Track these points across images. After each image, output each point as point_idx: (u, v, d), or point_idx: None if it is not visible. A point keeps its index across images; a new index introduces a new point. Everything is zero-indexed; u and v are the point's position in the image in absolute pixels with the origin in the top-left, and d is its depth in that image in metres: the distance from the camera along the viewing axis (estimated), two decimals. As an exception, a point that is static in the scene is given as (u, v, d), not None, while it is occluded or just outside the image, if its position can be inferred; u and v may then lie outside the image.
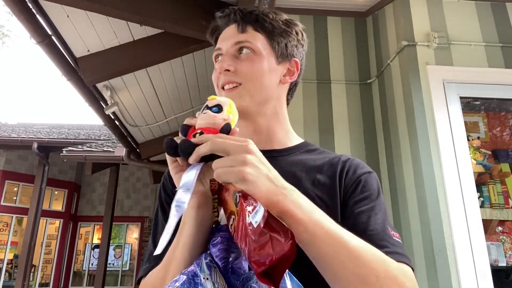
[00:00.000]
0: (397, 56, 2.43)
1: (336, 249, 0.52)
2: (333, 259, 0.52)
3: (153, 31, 2.96)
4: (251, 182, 0.50)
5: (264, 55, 0.79)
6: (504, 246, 2.22)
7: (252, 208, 0.48)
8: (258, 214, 0.46)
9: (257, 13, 0.82)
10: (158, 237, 0.74)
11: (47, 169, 8.48)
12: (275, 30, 0.82)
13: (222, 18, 0.84)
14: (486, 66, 2.38)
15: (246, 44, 0.79)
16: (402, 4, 2.47)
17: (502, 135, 2.54)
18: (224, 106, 0.58)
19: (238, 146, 0.52)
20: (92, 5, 2.38)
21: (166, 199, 0.82)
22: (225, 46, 0.81)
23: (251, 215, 0.47)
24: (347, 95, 2.66)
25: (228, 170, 0.51)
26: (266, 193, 0.51)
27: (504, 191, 2.31)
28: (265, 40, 0.81)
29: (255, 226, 0.46)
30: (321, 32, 2.78)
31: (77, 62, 3.07)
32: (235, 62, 0.77)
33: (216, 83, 0.81)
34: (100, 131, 11.32)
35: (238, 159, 0.51)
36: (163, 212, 0.81)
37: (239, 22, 0.80)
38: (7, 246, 9.57)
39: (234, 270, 0.55)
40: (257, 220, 0.46)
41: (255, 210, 0.47)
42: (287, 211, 0.51)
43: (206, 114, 0.57)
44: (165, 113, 4.43)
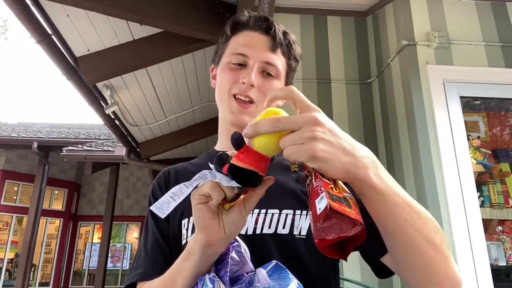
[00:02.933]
0: (397, 55, 2.42)
1: (412, 216, 0.53)
2: (409, 227, 0.52)
3: (153, 31, 2.96)
4: (324, 159, 0.46)
5: (281, 81, 0.81)
6: (504, 246, 2.22)
7: (319, 191, 0.47)
8: (322, 202, 0.45)
9: (289, 37, 0.82)
10: (148, 243, 0.77)
11: (47, 168, 8.47)
12: (294, 59, 0.84)
13: (256, 21, 0.81)
14: (486, 65, 2.38)
15: (274, 69, 0.79)
16: (402, 4, 2.46)
17: (502, 135, 2.53)
18: None
19: (304, 118, 0.47)
20: (92, 4, 2.38)
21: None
22: (254, 57, 0.78)
23: (317, 199, 0.47)
24: (347, 94, 2.66)
25: (298, 148, 0.46)
26: (342, 169, 0.47)
27: (504, 190, 2.31)
28: (285, 66, 0.82)
29: (317, 213, 0.45)
30: (321, 32, 2.78)
31: (77, 62, 3.07)
32: (260, 80, 0.77)
33: (229, 87, 0.79)
34: (100, 131, 11.32)
35: (306, 134, 0.46)
36: (154, 219, 0.79)
37: (275, 41, 0.79)
38: (7, 245, 9.58)
39: (235, 279, 0.55)
40: (321, 208, 0.45)
41: (321, 196, 0.46)
42: (367, 182, 0.49)
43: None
44: (165, 113, 4.43)
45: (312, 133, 0.46)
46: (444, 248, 0.56)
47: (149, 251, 0.76)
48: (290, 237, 0.69)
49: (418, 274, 0.56)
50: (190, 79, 3.81)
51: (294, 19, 2.76)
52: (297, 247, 0.69)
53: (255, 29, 0.80)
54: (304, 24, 2.78)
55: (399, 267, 0.60)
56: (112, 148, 7.34)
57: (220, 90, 0.81)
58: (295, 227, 0.70)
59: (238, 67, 0.79)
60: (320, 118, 0.47)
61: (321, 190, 0.47)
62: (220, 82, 0.82)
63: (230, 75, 0.79)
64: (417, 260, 0.55)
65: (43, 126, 12.03)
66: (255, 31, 0.80)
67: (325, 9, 2.76)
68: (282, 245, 0.68)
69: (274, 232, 0.70)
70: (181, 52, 3.08)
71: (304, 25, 2.77)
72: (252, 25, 0.81)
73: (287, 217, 0.71)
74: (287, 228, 0.70)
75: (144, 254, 0.76)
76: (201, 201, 0.52)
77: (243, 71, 0.78)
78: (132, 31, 2.94)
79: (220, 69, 0.83)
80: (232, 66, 0.79)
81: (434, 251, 0.54)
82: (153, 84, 3.71)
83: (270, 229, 0.70)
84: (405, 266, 0.58)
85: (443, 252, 0.55)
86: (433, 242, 0.54)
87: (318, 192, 0.47)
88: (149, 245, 0.76)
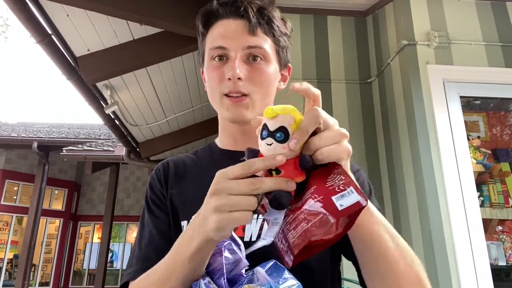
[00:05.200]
0: (397, 55, 2.42)
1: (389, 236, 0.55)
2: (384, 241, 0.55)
3: (153, 30, 2.96)
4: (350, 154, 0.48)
5: (272, 63, 0.75)
6: (504, 246, 2.22)
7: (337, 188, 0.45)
8: (346, 198, 0.44)
9: (267, 13, 0.75)
10: (143, 240, 0.74)
11: (47, 168, 8.47)
12: (281, 34, 0.77)
13: (226, 7, 0.74)
14: (486, 65, 2.38)
15: (259, 51, 0.72)
16: (402, 3, 2.46)
17: (502, 135, 2.53)
18: (289, 128, 0.46)
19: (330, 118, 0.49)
20: (92, 4, 2.38)
21: (154, 200, 0.78)
22: (234, 47, 0.71)
23: (335, 196, 0.44)
24: (347, 94, 2.66)
25: (338, 146, 0.46)
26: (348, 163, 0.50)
27: (504, 190, 2.31)
28: (273, 45, 0.75)
29: (338, 209, 0.43)
30: (321, 32, 2.78)
31: (77, 61, 3.07)
32: (246, 70, 0.71)
33: (218, 87, 0.73)
34: (100, 131, 11.32)
35: (340, 132, 0.47)
36: (151, 213, 0.76)
37: (251, 22, 0.72)
38: (7, 245, 9.58)
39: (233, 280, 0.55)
40: (343, 204, 0.43)
41: (342, 193, 0.44)
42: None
43: (272, 146, 0.46)
44: (165, 113, 4.43)
45: (343, 130, 0.47)
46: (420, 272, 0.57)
47: (143, 249, 0.72)
48: None
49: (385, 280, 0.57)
50: (190, 79, 3.81)
51: (294, 19, 2.76)
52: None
53: (227, 16, 0.74)
54: (304, 24, 2.78)
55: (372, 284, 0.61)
56: (112, 148, 7.34)
57: (211, 93, 0.76)
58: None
59: (220, 63, 0.73)
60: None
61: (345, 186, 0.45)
62: (208, 84, 0.77)
63: (215, 75, 0.73)
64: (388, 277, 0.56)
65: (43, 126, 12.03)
66: (228, 18, 0.74)
67: (325, 9, 2.76)
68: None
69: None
70: (181, 52, 3.08)
71: (304, 25, 2.77)
72: (223, 13, 0.74)
73: None
74: None
75: (138, 251, 0.73)
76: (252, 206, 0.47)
77: (226, 65, 0.72)
78: (132, 31, 2.94)
79: (205, 69, 0.78)
80: (214, 64, 0.74)
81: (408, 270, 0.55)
82: (153, 84, 3.71)
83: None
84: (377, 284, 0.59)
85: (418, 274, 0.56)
86: (406, 262, 0.56)
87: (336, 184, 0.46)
88: (144, 243, 0.73)
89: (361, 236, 0.55)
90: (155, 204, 0.78)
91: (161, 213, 0.76)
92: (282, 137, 0.45)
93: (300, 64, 2.67)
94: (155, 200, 0.78)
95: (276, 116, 0.46)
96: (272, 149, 0.46)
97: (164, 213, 0.76)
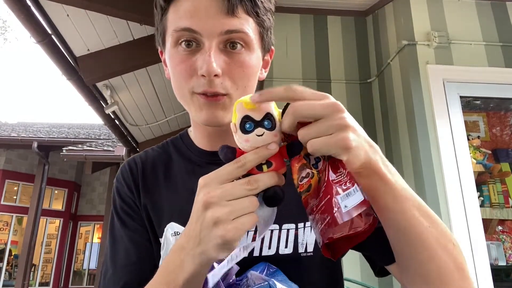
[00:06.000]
0: (397, 55, 2.42)
1: (421, 213, 0.47)
2: (419, 224, 0.47)
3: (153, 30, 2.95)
4: (353, 149, 0.41)
5: (255, 50, 0.60)
6: (504, 246, 2.22)
7: (344, 186, 0.42)
8: (351, 198, 0.41)
9: None
10: (118, 257, 0.63)
11: (47, 168, 8.47)
12: (265, 12, 0.61)
13: None
14: (486, 65, 2.38)
15: (240, 36, 0.57)
16: (402, 3, 2.46)
17: (502, 135, 2.53)
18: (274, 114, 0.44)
19: (330, 106, 0.41)
20: (92, 4, 2.38)
21: (126, 209, 0.66)
22: (208, 32, 0.55)
23: (340, 196, 0.42)
24: (347, 94, 2.66)
25: (328, 139, 0.40)
26: (365, 159, 0.43)
27: (504, 190, 2.31)
28: (256, 27, 0.60)
29: (343, 211, 0.41)
30: (321, 32, 2.78)
31: (77, 61, 3.07)
32: (224, 62, 0.57)
33: (188, 85, 0.58)
34: (100, 131, 11.32)
35: (336, 123, 0.41)
36: (124, 226, 0.65)
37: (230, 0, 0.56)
38: (7, 245, 9.58)
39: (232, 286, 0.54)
40: (347, 205, 0.41)
41: (347, 191, 0.42)
42: (380, 173, 0.45)
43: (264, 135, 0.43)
44: (165, 112, 4.43)
45: (342, 121, 0.41)
46: (459, 255, 0.49)
47: (119, 271, 0.62)
48: (295, 256, 0.60)
49: (429, 281, 0.48)
50: (190, 79, 3.82)
51: (294, 19, 2.76)
52: (304, 267, 0.60)
53: None
54: (304, 24, 2.77)
55: (407, 275, 0.52)
56: (112, 148, 7.35)
57: (178, 89, 0.61)
58: (300, 244, 0.60)
59: (188, 51, 0.57)
60: (340, 104, 0.42)
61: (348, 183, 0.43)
62: (174, 78, 0.62)
63: (183, 68, 0.58)
64: (428, 264, 0.47)
65: (43, 126, 12.02)
66: None
67: (325, 9, 2.75)
68: (287, 267, 0.57)
69: (275, 253, 0.60)
70: (181, 52, 3.08)
71: (304, 25, 2.77)
72: None
73: (288, 233, 0.61)
74: (290, 247, 0.60)
75: (112, 272, 0.62)
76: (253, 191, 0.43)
77: (199, 57, 0.56)
78: (132, 31, 2.94)
79: (168, 56, 0.62)
80: (181, 52, 0.58)
81: (446, 255, 0.47)
82: (153, 83, 3.71)
83: (270, 250, 0.59)
84: (414, 273, 0.50)
85: (457, 259, 0.49)
86: (445, 245, 0.48)
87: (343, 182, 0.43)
88: (120, 264, 0.62)
89: (397, 223, 0.47)
90: (128, 214, 0.66)
91: (135, 224, 0.65)
92: (270, 124, 0.43)
93: (300, 64, 2.67)
94: (126, 210, 0.66)
95: (257, 105, 0.43)
96: (262, 139, 0.43)
97: (139, 224, 0.65)
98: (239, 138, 0.44)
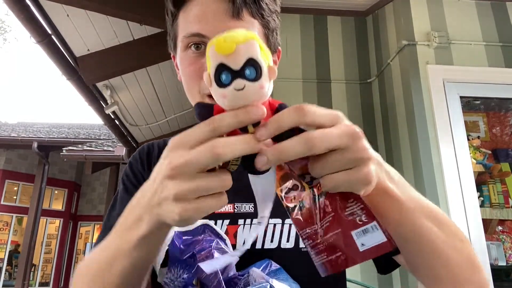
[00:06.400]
0: (397, 55, 2.42)
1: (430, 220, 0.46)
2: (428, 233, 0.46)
3: (153, 31, 2.96)
4: (373, 183, 0.37)
5: None
6: (504, 246, 2.22)
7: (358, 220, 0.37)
8: (368, 236, 0.36)
9: None
10: (112, 220, 0.61)
11: (47, 168, 8.48)
12: (270, 14, 0.64)
13: None
14: (486, 65, 2.38)
15: None
16: (402, 4, 2.46)
17: (502, 135, 2.53)
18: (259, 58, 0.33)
19: (349, 135, 0.36)
20: (92, 4, 2.38)
21: (132, 180, 0.68)
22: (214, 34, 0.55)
23: (355, 232, 0.37)
24: (347, 94, 2.66)
25: (349, 176, 0.35)
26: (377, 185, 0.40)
27: (504, 190, 2.31)
28: (261, 30, 0.62)
29: (360, 250, 0.36)
30: (321, 32, 2.78)
31: (77, 62, 3.07)
32: None
33: (197, 87, 0.61)
34: (100, 131, 11.32)
35: (359, 156, 0.36)
36: (125, 190, 0.67)
37: (234, 3, 0.58)
38: (7, 245, 9.58)
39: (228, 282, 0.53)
40: (365, 244, 0.36)
41: (364, 228, 0.36)
42: (386, 190, 0.42)
43: (246, 89, 0.33)
44: (165, 112, 4.43)
45: (364, 153, 0.36)
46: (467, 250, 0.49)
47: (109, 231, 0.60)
48: (297, 250, 0.61)
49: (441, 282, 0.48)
50: (190, 79, 3.82)
51: (294, 19, 2.76)
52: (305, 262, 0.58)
53: None
54: (304, 24, 2.77)
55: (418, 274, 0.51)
56: (112, 148, 7.35)
57: (188, 91, 0.64)
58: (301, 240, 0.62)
59: (197, 53, 0.60)
60: (357, 128, 0.37)
61: (367, 218, 0.37)
62: (185, 80, 0.65)
63: (192, 70, 0.61)
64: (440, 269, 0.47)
65: (43, 126, 12.03)
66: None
67: (325, 9, 2.75)
68: (288, 261, 0.59)
69: (277, 247, 0.60)
70: (181, 52, 3.08)
71: (304, 25, 2.77)
72: None
73: (291, 228, 0.62)
74: (291, 241, 0.61)
75: (103, 235, 0.62)
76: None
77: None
78: (132, 31, 2.94)
79: (179, 59, 0.65)
80: (190, 55, 0.61)
81: (457, 255, 0.47)
82: (153, 83, 3.71)
83: (272, 243, 0.60)
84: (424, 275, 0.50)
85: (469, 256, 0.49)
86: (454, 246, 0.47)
87: (357, 220, 0.37)
88: (112, 224, 0.60)
89: (406, 235, 0.46)
90: (133, 184, 0.67)
91: None
92: (254, 73, 0.32)
93: (300, 64, 2.67)
94: (133, 181, 0.68)
95: (236, 48, 0.32)
96: (243, 95, 0.33)
97: None
98: (215, 93, 0.34)
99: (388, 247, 0.35)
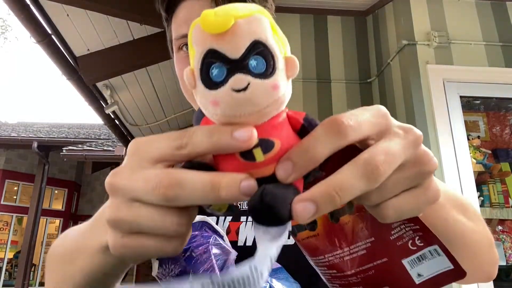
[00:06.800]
0: (397, 55, 2.42)
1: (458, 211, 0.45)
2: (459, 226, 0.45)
3: (153, 30, 2.96)
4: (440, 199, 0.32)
5: None
6: (504, 245, 2.22)
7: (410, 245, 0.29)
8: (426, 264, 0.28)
9: None
10: None
11: (47, 168, 8.47)
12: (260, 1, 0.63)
13: None
14: (486, 65, 2.38)
15: None
16: (402, 3, 2.46)
17: (502, 134, 2.53)
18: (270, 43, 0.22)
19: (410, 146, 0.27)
20: (92, 4, 2.38)
21: None
22: None
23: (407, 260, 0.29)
24: (347, 94, 2.66)
25: (417, 199, 0.27)
26: None
27: (504, 190, 2.31)
28: None
29: (416, 282, 0.28)
30: (321, 31, 2.78)
31: (77, 61, 3.07)
32: None
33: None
34: (100, 130, 11.32)
35: (427, 168, 0.27)
36: None
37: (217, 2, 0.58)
38: (7, 245, 9.58)
39: None
40: (422, 274, 0.28)
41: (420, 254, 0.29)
42: None
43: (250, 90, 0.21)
44: (165, 112, 4.43)
45: (431, 162, 0.27)
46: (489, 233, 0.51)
47: None
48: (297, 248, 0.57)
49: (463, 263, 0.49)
50: (190, 79, 3.81)
51: (294, 19, 2.76)
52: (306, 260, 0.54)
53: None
54: (304, 24, 2.78)
55: None
56: (112, 148, 7.35)
57: (184, 91, 0.64)
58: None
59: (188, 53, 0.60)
60: (414, 128, 0.30)
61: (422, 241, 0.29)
62: (180, 81, 0.65)
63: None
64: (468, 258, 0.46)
65: (43, 126, 12.03)
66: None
67: (325, 9, 2.75)
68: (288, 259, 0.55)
69: None
70: (181, 52, 3.08)
71: (304, 25, 2.77)
72: None
73: None
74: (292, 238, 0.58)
75: None
76: None
77: None
78: (132, 31, 2.94)
79: (174, 62, 0.66)
80: (183, 57, 0.62)
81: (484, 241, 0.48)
82: (153, 83, 3.71)
83: None
84: None
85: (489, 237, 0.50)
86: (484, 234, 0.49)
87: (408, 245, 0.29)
88: None
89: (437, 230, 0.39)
90: None
91: None
92: (263, 65, 0.21)
93: (300, 64, 2.66)
94: None
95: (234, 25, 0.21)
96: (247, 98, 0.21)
97: None
98: (201, 99, 0.23)
99: (455, 276, 0.27)
